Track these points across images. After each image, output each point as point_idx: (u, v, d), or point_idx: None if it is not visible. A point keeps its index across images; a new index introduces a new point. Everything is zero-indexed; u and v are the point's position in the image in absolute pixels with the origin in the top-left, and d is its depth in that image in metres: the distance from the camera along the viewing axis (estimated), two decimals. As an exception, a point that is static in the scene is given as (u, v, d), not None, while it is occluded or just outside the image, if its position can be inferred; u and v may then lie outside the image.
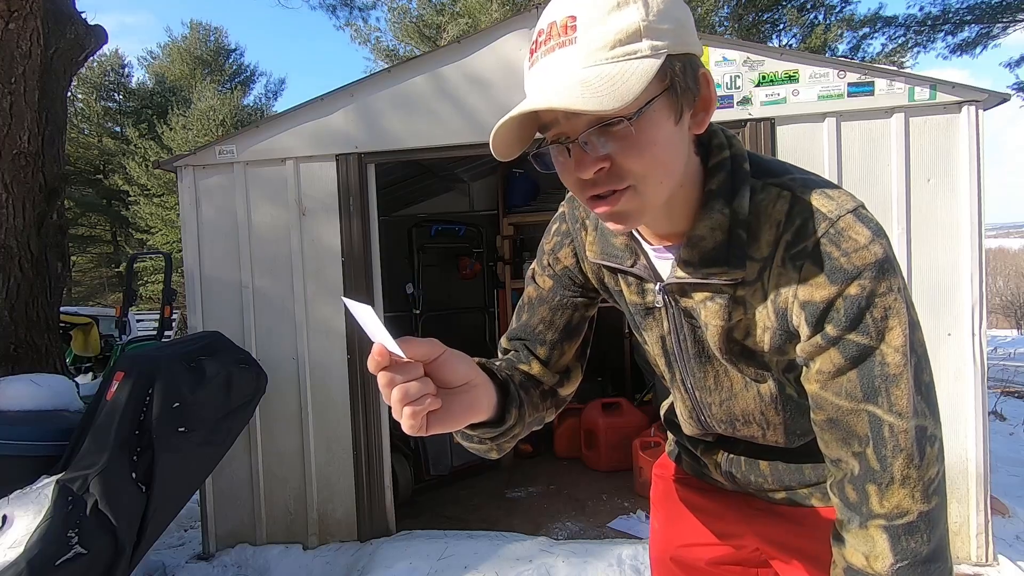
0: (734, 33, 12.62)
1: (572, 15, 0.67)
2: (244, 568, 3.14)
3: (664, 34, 0.66)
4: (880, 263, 0.71)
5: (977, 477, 2.74)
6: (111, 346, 6.91)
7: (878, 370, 0.72)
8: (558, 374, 0.98)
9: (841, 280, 0.71)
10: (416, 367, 0.65)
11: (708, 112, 0.73)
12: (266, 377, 2.76)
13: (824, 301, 0.72)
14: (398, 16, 15.16)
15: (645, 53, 0.65)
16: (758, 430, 0.94)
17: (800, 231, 0.74)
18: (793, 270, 0.75)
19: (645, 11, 0.66)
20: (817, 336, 0.74)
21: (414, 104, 3.08)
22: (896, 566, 0.74)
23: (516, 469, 4.38)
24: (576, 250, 0.97)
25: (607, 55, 0.65)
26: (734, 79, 2.86)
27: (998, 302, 24.38)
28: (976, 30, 10.86)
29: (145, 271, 18.18)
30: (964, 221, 2.70)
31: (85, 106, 22.10)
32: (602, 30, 0.65)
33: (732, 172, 0.78)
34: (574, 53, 0.66)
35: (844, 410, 0.75)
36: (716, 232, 0.77)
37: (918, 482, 0.73)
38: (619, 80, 0.64)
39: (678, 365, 0.94)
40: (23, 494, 2.01)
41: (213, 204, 3.27)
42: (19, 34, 3.10)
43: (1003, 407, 5.92)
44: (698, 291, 0.83)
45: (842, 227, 0.72)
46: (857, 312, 0.71)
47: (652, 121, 0.68)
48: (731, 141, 0.81)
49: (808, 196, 0.75)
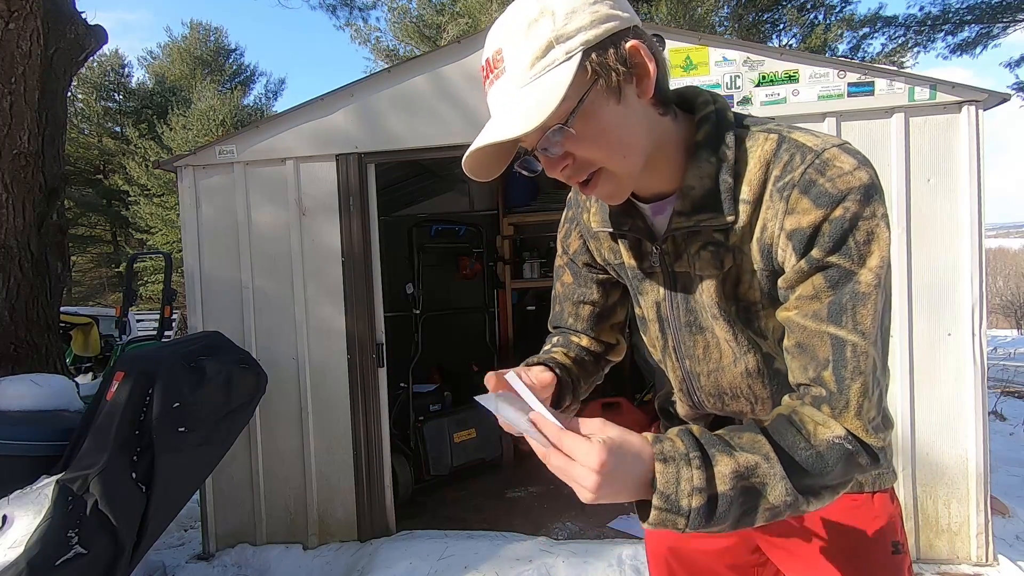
0: (734, 33, 12.62)
1: (498, 48, 0.74)
2: (244, 568, 3.13)
3: (575, 33, 0.71)
4: (865, 187, 0.73)
5: (977, 477, 2.74)
6: (111, 346, 6.93)
7: (853, 291, 0.74)
8: (604, 345, 1.11)
9: (827, 204, 0.73)
10: None
11: (648, 78, 0.76)
12: (266, 377, 2.75)
13: (811, 226, 0.74)
14: (398, 16, 15.15)
15: (561, 60, 0.71)
16: (747, 404, 0.97)
17: (787, 165, 0.77)
18: (780, 201, 0.77)
19: (552, 20, 0.71)
20: (802, 261, 0.76)
21: (414, 104, 3.08)
22: (833, 441, 0.73)
23: (516, 469, 4.38)
24: (582, 232, 1.04)
25: (530, 74, 0.72)
26: (734, 79, 2.86)
27: (998, 302, 24.38)
28: (976, 30, 10.85)
29: (145, 271, 18.19)
30: (964, 221, 2.70)
31: (85, 106, 22.10)
32: (522, 52, 0.72)
33: (717, 123, 0.82)
34: (506, 81, 0.74)
35: (811, 332, 0.76)
36: (704, 180, 0.81)
37: (871, 415, 0.74)
38: (540, 95, 0.70)
39: (671, 331, 0.97)
40: (23, 494, 2.01)
41: (213, 204, 3.27)
42: (19, 34, 3.10)
43: (1003, 407, 5.92)
44: (693, 242, 0.86)
45: (827, 157, 0.75)
46: (841, 234, 0.73)
47: (592, 113, 0.73)
48: (715, 97, 0.85)
49: (794, 135, 0.79)
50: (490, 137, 0.72)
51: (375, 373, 3.19)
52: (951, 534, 2.79)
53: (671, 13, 11.31)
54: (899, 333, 2.76)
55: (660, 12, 11.37)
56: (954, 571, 2.74)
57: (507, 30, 0.74)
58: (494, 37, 0.75)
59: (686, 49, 2.88)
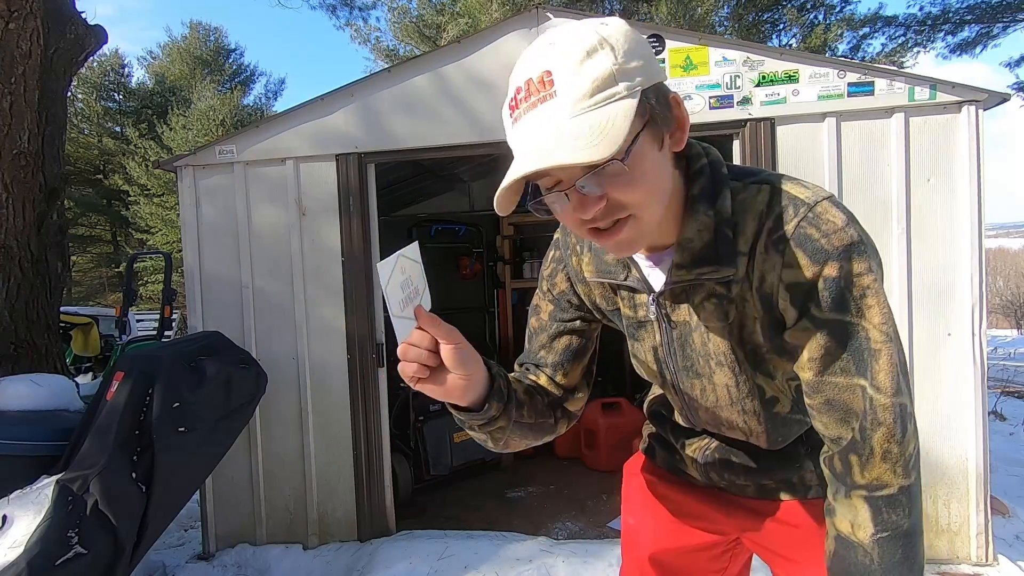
0: (734, 33, 12.61)
1: (547, 70, 0.70)
2: (244, 568, 3.13)
3: (635, 72, 0.71)
4: (856, 245, 0.75)
5: (977, 477, 2.74)
6: (111, 346, 6.92)
7: (864, 345, 0.76)
8: (563, 390, 1.04)
9: (822, 259, 0.75)
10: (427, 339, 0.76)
11: (684, 131, 0.77)
12: (266, 377, 2.75)
13: (808, 281, 0.76)
14: (398, 16, 15.14)
15: (623, 94, 0.69)
16: (742, 435, 1.00)
17: (780, 217, 0.78)
18: (776, 254, 0.78)
19: (614, 55, 0.70)
20: (804, 320, 0.78)
21: (414, 104, 3.08)
22: (877, 536, 0.78)
23: (516, 469, 4.38)
24: (569, 275, 1.02)
25: (588, 103, 0.69)
26: (734, 79, 2.85)
27: (998, 302, 24.37)
28: (976, 30, 10.85)
29: (145, 271, 18.17)
30: (964, 221, 2.70)
31: (85, 106, 22.10)
32: (579, 80, 0.69)
33: (712, 176, 0.83)
34: (557, 106, 0.70)
35: (840, 387, 0.78)
36: (703, 233, 0.81)
37: (899, 457, 0.77)
38: (607, 126, 0.67)
39: (668, 372, 0.98)
40: (23, 494, 2.01)
41: (213, 204, 3.27)
42: (19, 34, 3.10)
43: (1003, 407, 5.92)
44: (696, 294, 0.86)
45: (820, 211, 0.77)
46: (838, 292, 0.75)
47: (640, 155, 0.72)
48: (707, 150, 0.86)
49: (786, 187, 0.80)
50: (553, 160, 0.67)
51: (375, 373, 3.19)
52: (951, 534, 2.79)
53: (671, 13, 11.31)
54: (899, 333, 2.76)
55: (660, 12, 11.37)
56: (954, 571, 2.74)
57: (561, 53, 0.70)
58: (542, 58, 0.71)
59: (686, 49, 2.88)
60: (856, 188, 2.78)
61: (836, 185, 2.78)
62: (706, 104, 2.88)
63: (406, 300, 0.73)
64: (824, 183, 2.78)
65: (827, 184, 2.77)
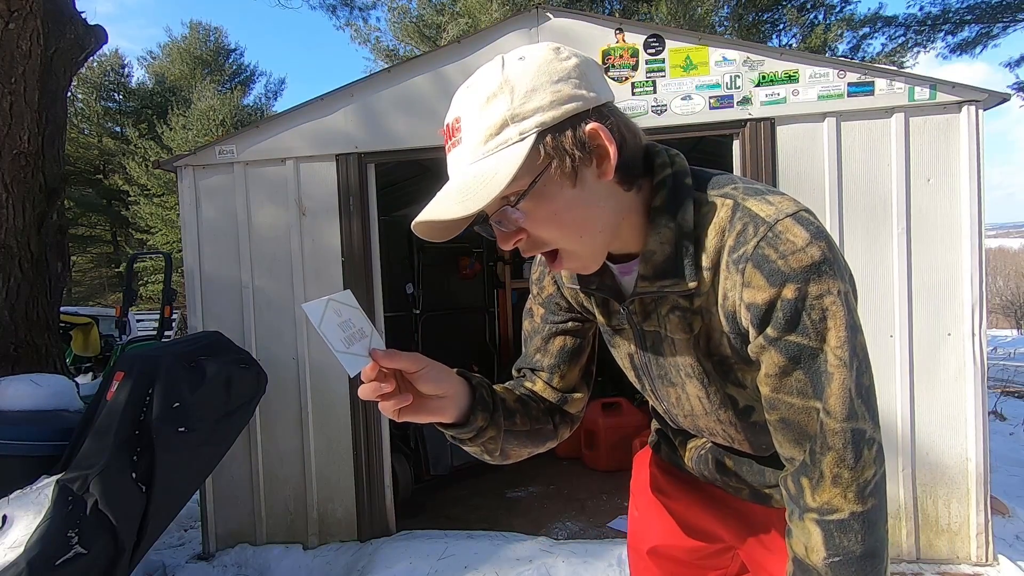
0: (734, 33, 12.62)
1: (458, 116, 0.74)
2: (244, 568, 3.14)
3: (532, 113, 0.70)
4: (816, 265, 0.73)
5: (977, 477, 2.74)
6: (111, 346, 6.92)
7: (822, 368, 0.75)
8: (561, 392, 1.03)
9: (779, 282, 0.73)
10: (390, 378, 0.75)
11: (609, 161, 0.74)
12: (266, 377, 2.75)
13: (765, 303, 0.75)
14: (398, 16, 15.14)
15: (514, 140, 0.70)
16: (723, 440, 1.00)
17: (741, 236, 0.76)
18: (736, 273, 0.77)
19: (511, 99, 0.70)
20: (760, 338, 0.77)
21: (414, 104, 3.08)
22: (829, 560, 0.77)
23: (516, 469, 4.38)
24: (555, 277, 1.02)
25: (483, 150, 0.71)
26: (734, 79, 2.86)
27: (998, 302, 24.37)
28: (976, 30, 10.86)
29: (145, 271, 18.19)
30: (964, 221, 2.70)
31: (85, 106, 22.11)
32: (478, 126, 0.71)
33: (674, 188, 0.81)
34: (461, 153, 0.73)
35: (795, 408, 0.77)
36: (664, 246, 0.81)
37: (851, 483, 0.75)
38: (488, 177, 0.69)
39: (646, 379, 0.99)
40: (23, 494, 2.01)
41: (213, 204, 3.27)
42: (19, 34, 3.10)
43: (1003, 407, 5.92)
44: (662, 305, 0.86)
45: (779, 230, 0.74)
46: (794, 313, 0.74)
47: (544, 195, 0.72)
48: (673, 159, 0.83)
49: (748, 202, 0.78)
50: (432, 214, 0.72)
51: (375, 373, 3.19)
52: (951, 534, 2.79)
53: (671, 13, 11.31)
54: (899, 333, 2.76)
55: (660, 12, 11.38)
56: (954, 571, 2.74)
57: (468, 99, 0.73)
58: (457, 102, 0.74)
59: (686, 49, 2.88)
60: (856, 188, 2.78)
61: (836, 185, 2.78)
62: (706, 104, 2.88)
63: (349, 339, 0.74)
64: (824, 183, 2.78)
65: (827, 184, 2.78)
